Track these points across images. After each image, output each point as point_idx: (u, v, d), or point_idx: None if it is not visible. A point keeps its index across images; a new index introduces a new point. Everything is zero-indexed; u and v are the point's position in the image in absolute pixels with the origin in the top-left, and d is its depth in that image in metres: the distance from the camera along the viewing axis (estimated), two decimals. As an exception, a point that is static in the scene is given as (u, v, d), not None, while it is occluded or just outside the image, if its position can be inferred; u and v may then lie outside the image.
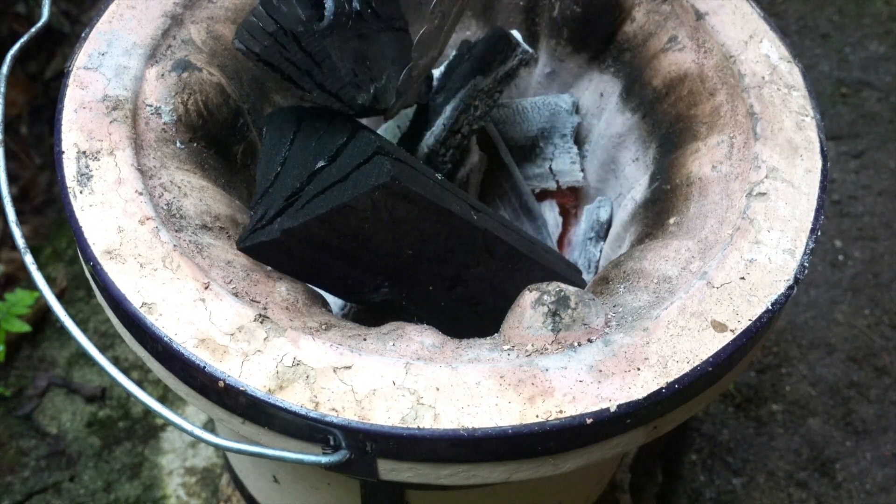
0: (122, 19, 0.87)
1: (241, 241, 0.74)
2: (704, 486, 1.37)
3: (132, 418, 1.38)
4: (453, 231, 0.77)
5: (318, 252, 0.74)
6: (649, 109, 0.95)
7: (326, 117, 0.77)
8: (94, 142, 0.78)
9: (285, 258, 0.75)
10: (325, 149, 0.75)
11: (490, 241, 0.80)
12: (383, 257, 0.76)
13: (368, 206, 0.71)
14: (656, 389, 0.67)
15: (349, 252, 0.75)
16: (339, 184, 0.72)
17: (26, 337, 1.47)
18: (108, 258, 0.72)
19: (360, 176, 0.72)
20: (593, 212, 1.02)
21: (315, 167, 0.74)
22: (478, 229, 0.79)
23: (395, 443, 0.65)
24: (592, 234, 1.00)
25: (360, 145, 0.74)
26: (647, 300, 0.74)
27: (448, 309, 0.82)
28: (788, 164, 0.81)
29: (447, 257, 0.79)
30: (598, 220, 1.01)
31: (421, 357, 0.69)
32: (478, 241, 0.80)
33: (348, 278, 0.77)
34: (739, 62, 0.88)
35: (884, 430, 1.43)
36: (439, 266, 0.79)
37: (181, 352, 0.68)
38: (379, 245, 0.75)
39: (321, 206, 0.72)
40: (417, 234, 0.75)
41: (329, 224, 0.72)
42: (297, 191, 0.73)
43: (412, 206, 0.73)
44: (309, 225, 0.72)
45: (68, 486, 1.32)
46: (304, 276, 0.77)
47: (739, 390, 1.47)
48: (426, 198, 0.73)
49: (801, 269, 0.75)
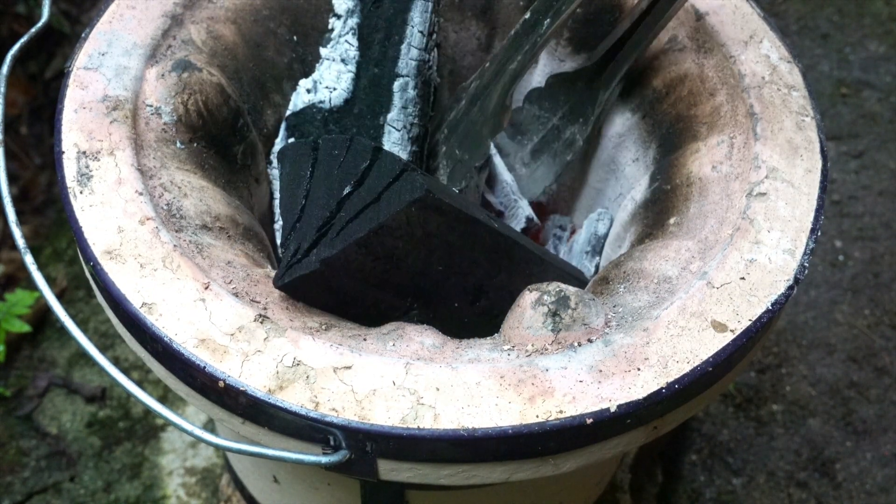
0: (122, 19, 0.87)
1: (277, 279, 0.74)
2: (704, 486, 1.37)
3: (132, 418, 1.38)
4: (478, 239, 0.78)
5: (354, 279, 0.75)
6: (649, 109, 0.95)
7: (344, 142, 0.77)
8: (95, 142, 0.78)
9: (322, 290, 0.75)
10: (350, 174, 0.75)
11: (510, 246, 0.82)
12: (414, 277, 0.77)
13: (403, 223, 0.72)
14: (656, 389, 0.67)
15: (382, 276, 0.76)
16: (372, 205, 0.73)
17: (26, 337, 1.47)
18: (108, 258, 0.72)
19: (392, 195, 0.72)
20: (592, 224, 1.02)
21: (343, 194, 0.74)
22: (500, 234, 0.80)
23: (395, 443, 0.65)
24: (589, 247, 1.01)
25: (386, 165, 0.74)
26: (647, 300, 0.74)
27: (470, 323, 0.83)
28: (788, 165, 0.81)
29: (472, 269, 0.80)
30: (595, 234, 1.01)
31: (421, 357, 0.69)
32: (500, 246, 0.81)
33: (381, 304, 0.78)
34: (739, 62, 0.88)
35: (884, 431, 1.43)
36: (464, 279, 0.80)
37: (181, 352, 0.68)
38: (411, 264, 0.76)
39: (358, 229, 0.72)
40: (447, 247, 0.76)
41: (366, 248, 0.73)
42: (328, 220, 0.74)
43: (443, 219, 0.74)
44: (347, 251, 0.72)
45: (68, 487, 1.32)
46: (338, 308, 0.78)
47: (739, 390, 1.47)
48: (456, 207, 0.74)
49: (802, 269, 0.75)
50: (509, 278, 0.81)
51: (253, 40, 0.94)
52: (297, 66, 0.98)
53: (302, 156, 0.78)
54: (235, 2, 0.94)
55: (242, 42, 0.93)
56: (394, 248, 0.74)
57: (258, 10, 0.95)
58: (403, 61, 0.94)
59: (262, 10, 0.96)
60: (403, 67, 0.94)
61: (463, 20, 1.05)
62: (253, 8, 0.95)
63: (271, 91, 0.96)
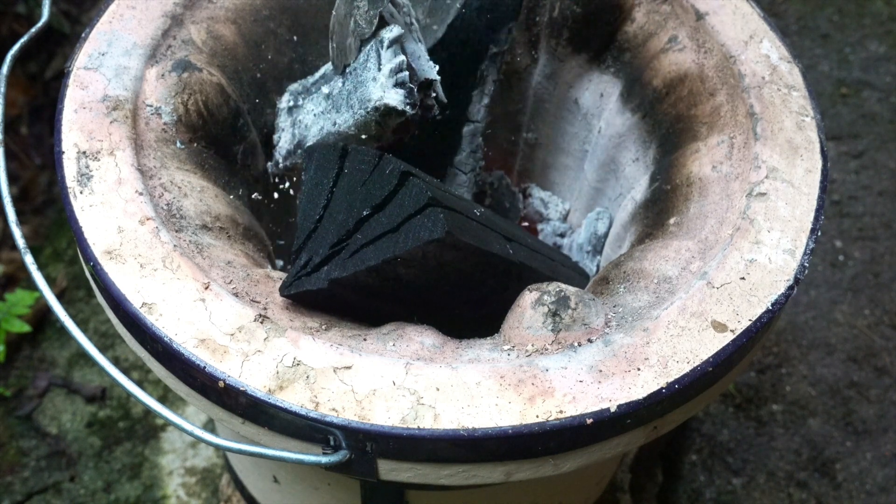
0: (122, 19, 0.87)
1: (284, 287, 0.74)
2: (704, 486, 1.37)
3: (132, 418, 1.38)
4: (490, 267, 0.78)
5: (359, 294, 0.75)
6: (649, 109, 0.95)
7: (372, 159, 0.75)
8: (95, 142, 0.78)
9: (326, 301, 0.75)
10: (373, 195, 0.73)
11: (520, 270, 0.81)
12: (420, 293, 0.76)
13: (419, 257, 0.71)
14: (656, 389, 0.67)
15: (389, 292, 0.75)
16: (390, 234, 0.71)
17: (26, 337, 1.47)
18: (109, 258, 0.72)
19: (412, 228, 0.70)
20: (592, 223, 1.02)
21: (362, 214, 0.73)
22: (513, 263, 0.79)
23: (395, 443, 0.65)
24: (590, 247, 1.01)
25: (412, 194, 0.72)
26: (648, 300, 0.74)
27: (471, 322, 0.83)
28: (788, 165, 0.81)
29: (479, 287, 0.80)
30: (595, 234, 1.01)
31: (421, 357, 0.69)
32: (512, 272, 0.81)
33: (381, 311, 0.78)
34: (739, 62, 0.88)
35: (884, 431, 1.43)
36: (470, 293, 0.80)
37: (181, 352, 0.68)
38: (419, 286, 0.75)
39: (371, 257, 0.71)
40: (458, 274, 0.76)
41: (377, 272, 0.72)
42: (343, 238, 0.73)
43: (459, 253, 0.73)
44: (358, 275, 0.71)
45: (68, 487, 1.32)
46: (339, 313, 0.78)
47: (739, 390, 1.47)
48: (474, 246, 0.73)
49: (802, 269, 0.75)
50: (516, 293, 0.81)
51: (253, 40, 0.94)
52: (297, 66, 0.98)
53: (329, 160, 0.77)
54: (235, 2, 0.94)
55: (242, 42, 0.93)
56: (405, 274, 0.73)
57: (258, 10, 0.95)
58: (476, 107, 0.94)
59: (262, 10, 0.96)
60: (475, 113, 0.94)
61: (463, 20, 1.05)
62: (253, 8, 0.95)
63: (271, 91, 0.96)
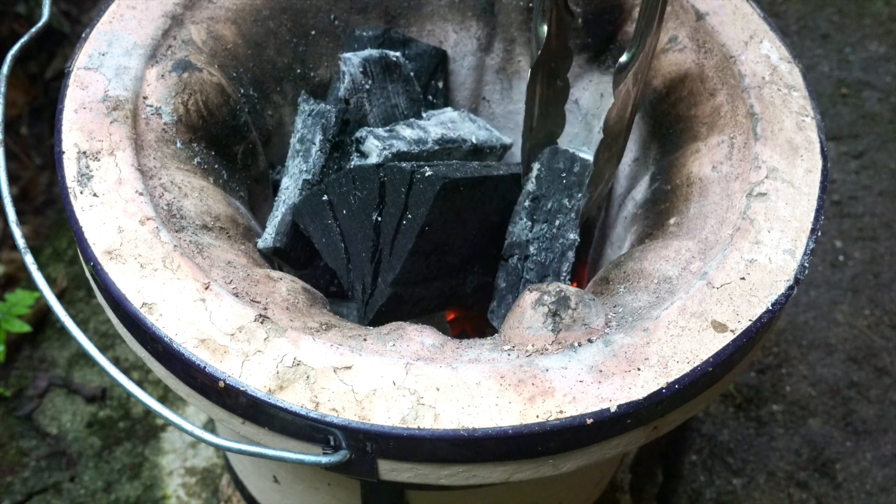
0: (122, 19, 0.87)
1: (362, 319, 0.82)
2: (704, 486, 1.37)
3: (132, 418, 1.38)
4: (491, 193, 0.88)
5: (418, 285, 0.82)
6: (649, 109, 0.95)
7: (348, 182, 0.83)
8: (95, 142, 0.78)
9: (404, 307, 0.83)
10: (369, 201, 0.80)
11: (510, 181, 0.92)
12: (460, 251, 0.87)
13: (437, 217, 0.80)
14: (656, 389, 0.67)
15: (437, 266, 0.85)
16: (404, 216, 0.79)
17: (26, 337, 1.47)
18: (109, 258, 0.72)
19: (415, 198, 0.79)
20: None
21: (374, 220, 0.80)
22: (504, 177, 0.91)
23: (395, 443, 0.65)
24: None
25: (397, 177, 0.80)
26: (648, 300, 0.74)
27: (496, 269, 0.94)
28: (788, 165, 0.81)
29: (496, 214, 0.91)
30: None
31: (421, 357, 0.69)
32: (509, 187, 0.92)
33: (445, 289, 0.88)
34: (740, 62, 0.88)
35: (884, 431, 1.43)
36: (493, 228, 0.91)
37: (181, 352, 0.68)
38: (454, 243, 0.85)
39: (406, 243, 0.79)
40: (475, 213, 0.87)
41: (418, 252, 0.80)
42: (374, 249, 0.80)
43: (464, 192, 0.83)
44: (406, 263, 0.79)
45: (68, 487, 1.32)
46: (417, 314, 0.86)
47: (739, 390, 1.47)
48: (471, 176, 0.82)
49: (802, 269, 0.75)
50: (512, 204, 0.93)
51: (253, 40, 0.95)
52: (297, 66, 0.98)
53: (318, 207, 0.85)
54: (235, 2, 0.94)
55: (242, 42, 0.94)
56: (437, 240, 0.80)
57: (258, 10, 0.95)
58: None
59: (262, 10, 0.96)
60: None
61: (463, 20, 1.05)
62: (253, 8, 0.95)
63: (271, 91, 0.96)
